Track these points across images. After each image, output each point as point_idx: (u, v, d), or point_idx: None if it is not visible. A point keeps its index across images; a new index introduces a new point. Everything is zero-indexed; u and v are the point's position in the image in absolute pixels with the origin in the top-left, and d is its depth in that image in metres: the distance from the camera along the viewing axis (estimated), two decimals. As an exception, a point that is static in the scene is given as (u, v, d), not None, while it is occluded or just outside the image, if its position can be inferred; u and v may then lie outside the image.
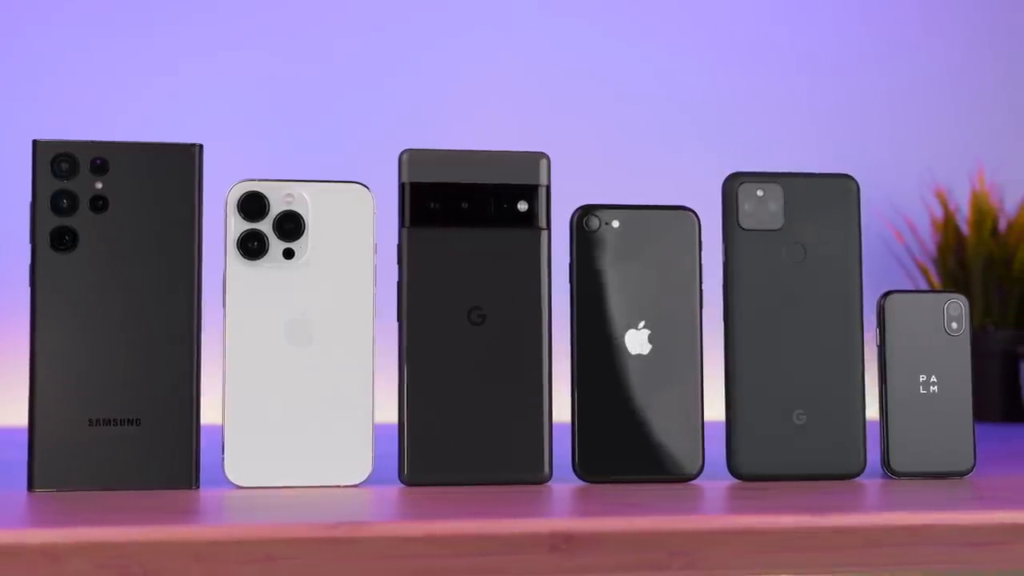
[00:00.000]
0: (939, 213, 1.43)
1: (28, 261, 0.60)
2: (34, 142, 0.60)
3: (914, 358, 0.67)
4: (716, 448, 0.66)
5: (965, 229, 1.42)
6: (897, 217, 1.45)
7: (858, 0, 1.51)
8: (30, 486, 0.59)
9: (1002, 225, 1.41)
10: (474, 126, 1.33)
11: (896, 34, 1.51)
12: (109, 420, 0.60)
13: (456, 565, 0.48)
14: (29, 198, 0.60)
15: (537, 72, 1.39)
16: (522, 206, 0.64)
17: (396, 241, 0.64)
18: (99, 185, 0.60)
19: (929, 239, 1.44)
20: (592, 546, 0.50)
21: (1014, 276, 1.38)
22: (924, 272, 1.43)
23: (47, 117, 1.26)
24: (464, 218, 0.64)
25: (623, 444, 0.64)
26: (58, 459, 0.59)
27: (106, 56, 1.31)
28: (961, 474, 0.67)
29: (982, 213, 1.39)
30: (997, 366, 1.33)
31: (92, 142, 0.61)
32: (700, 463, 0.65)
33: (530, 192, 0.64)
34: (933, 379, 0.67)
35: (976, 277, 1.38)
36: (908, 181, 1.46)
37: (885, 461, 0.67)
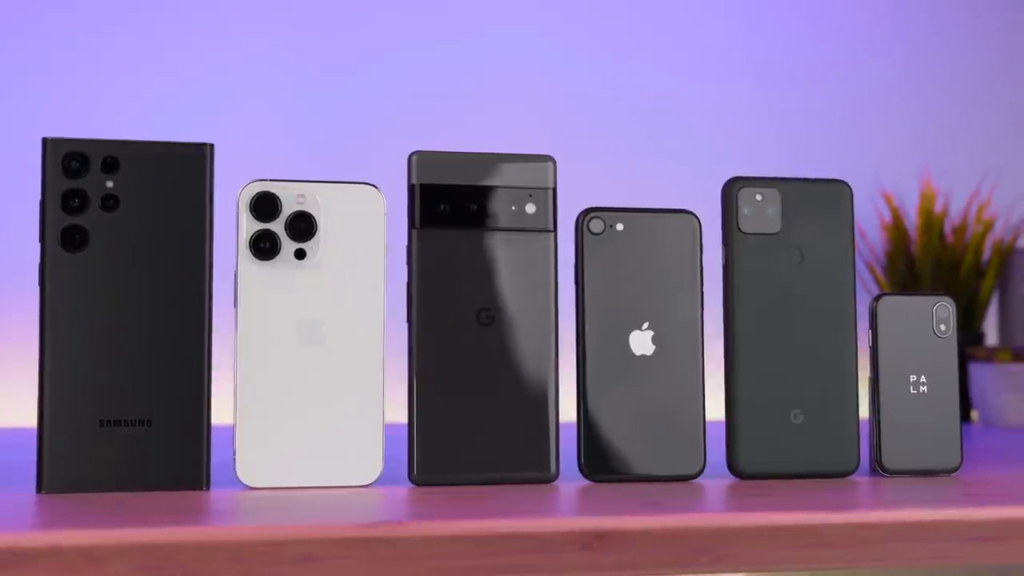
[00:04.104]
0: (888, 217, 1.46)
1: (37, 260, 0.59)
2: (45, 140, 0.60)
3: (904, 359, 0.69)
4: (710, 446, 0.67)
5: (913, 234, 1.45)
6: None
7: (809, 8, 1.54)
8: (39, 488, 0.59)
9: (947, 228, 1.45)
10: (482, 129, 1.33)
11: (851, 40, 1.54)
12: (120, 421, 0.59)
13: (491, 564, 0.49)
14: (38, 196, 0.59)
15: (545, 79, 1.41)
16: (530, 208, 0.65)
17: (404, 242, 0.64)
18: (110, 184, 0.60)
19: (879, 243, 1.48)
20: (622, 544, 0.50)
21: (961, 279, 1.42)
22: (872, 272, 1.46)
23: (54, 116, 1.24)
24: (473, 220, 0.64)
25: (627, 443, 0.65)
26: (68, 461, 0.59)
27: (116, 55, 1.29)
28: (949, 472, 0.69)
29: (930, 218, 1.43)
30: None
31: (103, 141, 0.60)
32: (702, 462, 0.66)
33: (537, 195, 0.65)
34: (922, 379, 0.69)
35: (925, 281, 1.42)
36: (858, 187, 1.49)
37: (876, 459, 0.68)
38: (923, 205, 1.43)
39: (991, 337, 1.49)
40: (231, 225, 0.62)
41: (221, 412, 0.62)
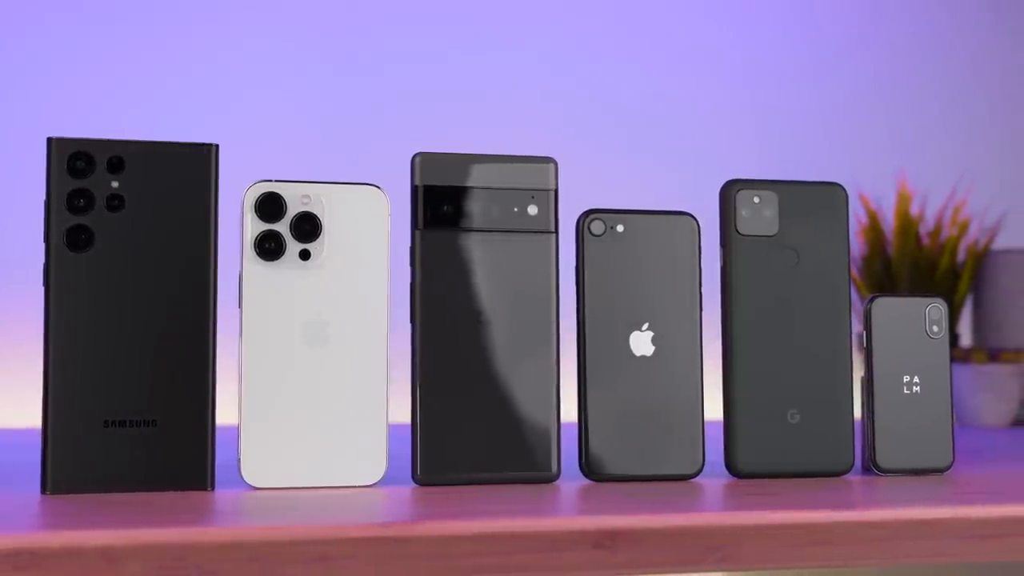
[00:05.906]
0: (865, 219, 1.48)
1: (42, 260, 0.59)
2: (50, 140, 0.59)
3: (898, 360, 0.70)
4: (707, 446, 0.68)
5: (890, 236, 1.47)
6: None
7: (786, 9, 1.55)
8: (44, 488, 0.58)
9: (923, 231, 1.46)
10: (484, 131, 1.34)
11: (828, 42, 1.55)
12: (125, 421, 0.59)
13: (505, 563, 0.49)
14: (43, 196, 0.59)
15: (547, 82, 1.41)
16: (532, 210, 0.66)
17: (407, 243, 0.64)
18: (115, 184, 0.60)
19: (855, 245, 1.49)
20: (634, 543, 0.51)
21: (937, 281, 1.44)
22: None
23: (59, 116, 1.23)
24: (475, 221, 0.65)
25: (627, 443, 0.66)
26: (73, 461, 0.59)
27: (120, 55, 1.28)
28: (941, 470, 0.70)
29: (906, 220, 1.45)
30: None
31: (109, 140, 0.60)
32: (701, 462, 0.66)
33: (539, 196, 0.66)
34: (915, 380, 0.70)
35: (902, 283, 1.43)
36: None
37: (871, 458, 0.69)
38: (899, 207, 1.45)
39: (966, 338, 1.51)
40: (236, 226, 0.62)
41: (225, 412, 0.62)
